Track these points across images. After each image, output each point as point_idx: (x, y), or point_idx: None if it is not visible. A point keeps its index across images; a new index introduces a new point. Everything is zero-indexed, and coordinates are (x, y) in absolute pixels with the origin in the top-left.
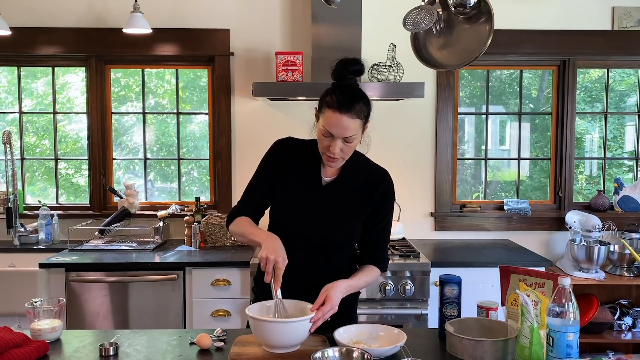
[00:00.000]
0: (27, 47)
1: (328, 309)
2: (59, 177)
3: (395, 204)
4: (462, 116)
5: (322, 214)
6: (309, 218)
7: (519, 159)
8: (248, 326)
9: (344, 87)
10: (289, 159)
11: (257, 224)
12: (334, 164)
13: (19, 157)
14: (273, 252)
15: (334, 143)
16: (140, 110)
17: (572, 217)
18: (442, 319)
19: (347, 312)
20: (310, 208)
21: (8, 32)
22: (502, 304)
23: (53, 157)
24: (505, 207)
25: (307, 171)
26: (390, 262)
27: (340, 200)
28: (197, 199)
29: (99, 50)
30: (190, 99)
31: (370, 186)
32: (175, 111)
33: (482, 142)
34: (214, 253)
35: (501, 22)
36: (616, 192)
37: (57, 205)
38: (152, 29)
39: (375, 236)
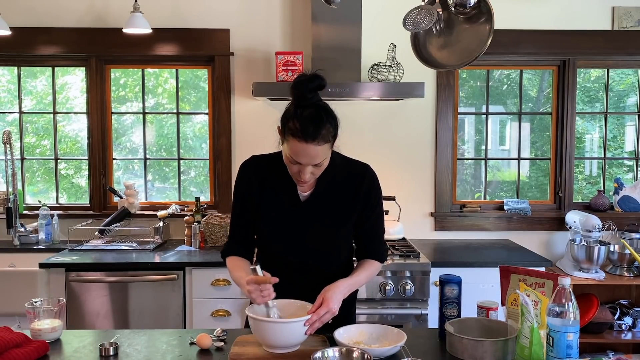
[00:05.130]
0: (27, 47)
1: (324, 312)
2: (59, 177)
3: (395, 204)
4: (462, 116)
5: (308, 229)
6: (295, 236)
7: (519, 159)
8: (248, 326)
9: (305, 109)
10: (261, 179)
11: (253, 253)
12: (305, 185)
13: (19, 157)
14: (248, 287)
15: (303, 169)
16: (140, 110)
17: (572, 217)
18: (442, 319)
19: (346, 313)
20: (294, 226)
21: (8, 32)
22: (502, 304)
23: (53, 157)
24: (505, 207)
25: (282, 189)
26: (390, 262)
27: (324, 211)
28: (197, 199)
29: (99, 50)
30: (190, 99)
31: (353, 186)
32: (175, 111)
33: (482, 142)
34: (214, 253)
35: (501, 22)
36: (616, 192)
37: (57, 205)
38: (152, 29)
39: (368, 231)
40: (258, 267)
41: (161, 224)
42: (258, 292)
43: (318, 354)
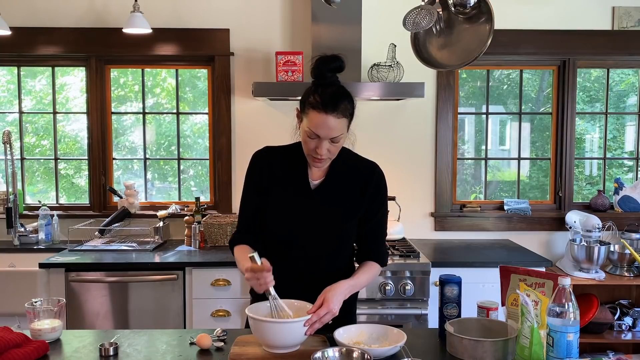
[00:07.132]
0: (27, 47)
1: (324, 312)
2: (59, 177)
3: (395, 204)
4: (462, 116)
5: (316, 219)
6: (303, 226)
7: (519, 159)
8: (248, 326)
9: (326, 86)
10: (272, 169)
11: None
12: (320, 164)
13: (19, 157)
14: (246, 276)
15: (320, 144)
16: (140, 110)
17: (572, 217)
18: (442, 319)
19: (346, 313)
20: (302, 215)
21: (8, 32)
22: (502, 304)
23: (53, 157)
24: (506, 207)
25: (293, 177)
26: (390, 262)
27: (332, 202)
28: (197, 199)
29: (99, 50)
30: (190, 99)
31: (361, 182)
32: (175, 111)
33: (482, 142)
34: (214, 253)
35: (501, 22)
36: (616, 192)
37: (57, 205)
38: (152, 29)
39: (371, 231)
40: (256, 255)
41: (161, 224)
42: (255, 280)
43: (318, 354)
